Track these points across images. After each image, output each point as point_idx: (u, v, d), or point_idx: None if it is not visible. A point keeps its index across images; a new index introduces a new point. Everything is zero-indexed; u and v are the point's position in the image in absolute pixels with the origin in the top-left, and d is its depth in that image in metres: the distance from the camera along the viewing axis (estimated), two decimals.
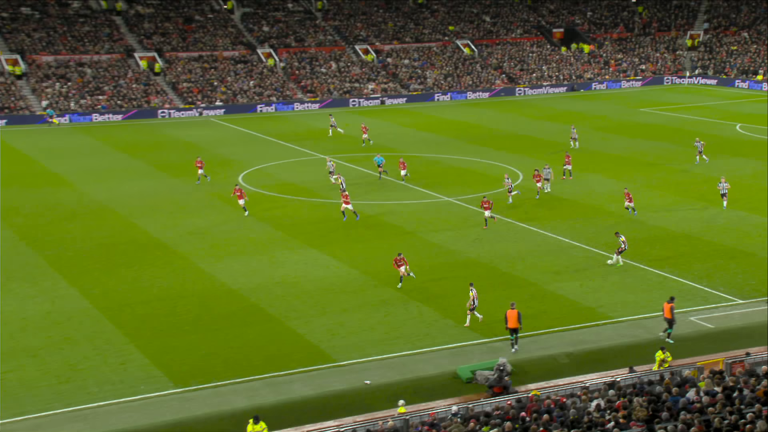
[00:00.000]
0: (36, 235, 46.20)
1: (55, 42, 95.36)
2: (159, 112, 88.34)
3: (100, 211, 51.17)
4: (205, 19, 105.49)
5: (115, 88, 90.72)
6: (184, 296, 37.72)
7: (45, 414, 27.52)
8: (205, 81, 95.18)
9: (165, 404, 28.39)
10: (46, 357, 31.51)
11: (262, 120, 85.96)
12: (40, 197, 54.16)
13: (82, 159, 66.56)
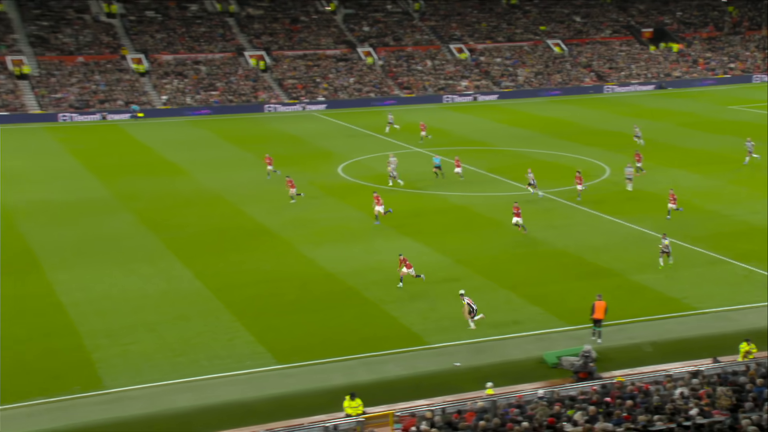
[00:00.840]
0: (155, 220, 47.53)
1: (175, 42, 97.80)
2: (265, 106, 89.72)
3: (212, 198, 52.31)
4: (310, 20, 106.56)
5: (227, 84, 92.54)
6: (286, 279, 38.29)
7: (162, 383, 28.36)
8: (309, 78, 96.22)
9: (268, 379, 28.92)
10: (163, 332, 32.44)
11: (361, 114, 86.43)
12: (158, 185, 55.69)
13: (196, 150, 68.12)
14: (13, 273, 38.59)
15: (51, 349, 30.81)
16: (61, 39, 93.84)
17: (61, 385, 28.01)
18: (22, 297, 35.71)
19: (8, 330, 32.37)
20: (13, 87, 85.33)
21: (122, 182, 56.40)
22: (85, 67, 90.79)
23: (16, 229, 45.29)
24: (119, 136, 75.53)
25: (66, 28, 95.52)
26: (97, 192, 53.75)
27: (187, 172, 59.77)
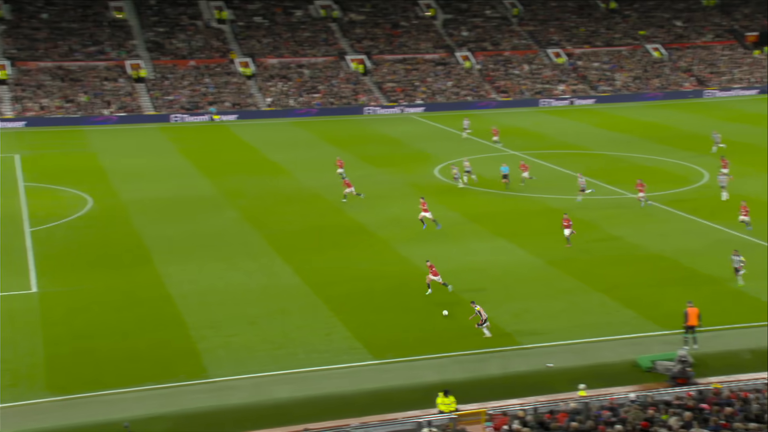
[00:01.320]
0: (257, 217, 48.42)
1: (280, 46, 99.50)
2: (365, 109, 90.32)
3: (311, 197, 52.96)
4: (410, 24, 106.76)
5: (329, 87, 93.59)
6: (382, 277, 38.42)
7: (262, 374, 28.86)
8: (408, 81, 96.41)
9: (364, 373, 29.08)
10: (264, 325, 33.01)
11: (458, 117, 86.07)
12: (261, 183, 56.72)
13: (298, 150, 69.09)
14: (126, 266, 39.93)
15: (160, 338, 31.74)
16: (175, 44, 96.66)
17: (168, 372, 28.82)
18: (134, 289, 36.90)
19: (121, 319, 33.51)
20: (131, 90, 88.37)
21: (228, 180, 57.66)
22: (196, 70, 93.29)
23: (130, 224, 46.85)
24: (226, 136, 77.30)
25: (180, 33, 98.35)
26: (205, 189, 55.11)
27: (289, 171, 60.67)
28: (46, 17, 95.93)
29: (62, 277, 38.11)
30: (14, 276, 38.03)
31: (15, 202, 50.99)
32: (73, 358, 29.88)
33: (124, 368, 29.11)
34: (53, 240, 43.60)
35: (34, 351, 30.28)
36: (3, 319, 33.11)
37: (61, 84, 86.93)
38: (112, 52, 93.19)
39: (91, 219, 47.91)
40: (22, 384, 27.91)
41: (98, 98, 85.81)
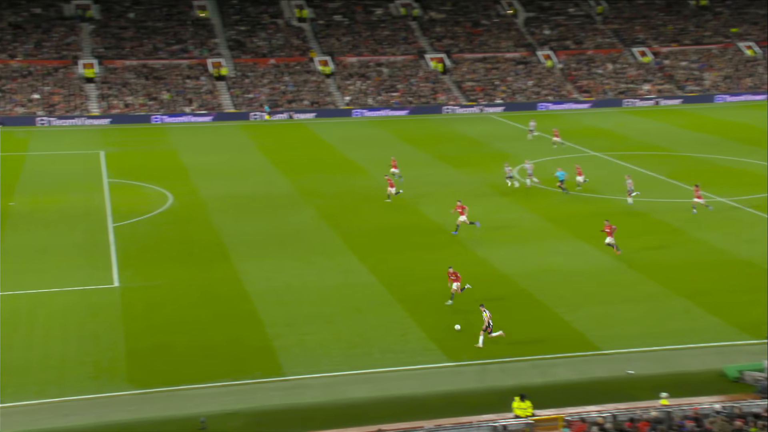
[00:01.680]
0: (334, 216, 48.72)
1: (360, 45, 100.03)
2: (444, 108, 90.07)
3: (396, 196, 53.00)
4: (491, 23, 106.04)
5: (407, 86, 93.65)
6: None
7: (337, 374, 29.00)
8: (488, 80, 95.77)
9: (439, 375, 28.96)
10: (339, 324, 33.17)
11: (538, 117, 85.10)
12: (338, 182, 57.07)
13: (375, 149, 69.28)
14: (204, 262, 40.67)
15: (236, 335, 32.20)
16: (256, 42, 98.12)
17: (244, 369, 29.21)
18: (211, 285, 37.54)
19: (198, 316, 34.14)
20: (212, 88, 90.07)
21: (305, 178, 58.19)
22: (275, 68, 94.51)
23: (209, 221, 47.72)
24: (304, 134, 78.09)
25: (261, 32, 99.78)
26: (283, 187, 55.75)
27: (366, 170, 60.89)
28: (133, 17, 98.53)
29: (143, 272, 39.03)
30: (98, 270, 39.13)
31: (99, 198, 52.49)
32: (152, 353, 30.57)
33: (200, 364, 29.63)
34: (135, 235, 44.72)
35: (115, 345, 31.09)
36: (86, 313, 34.10)
37: (145, 82, 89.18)
38: (195, 50, 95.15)
39: (171, 215, 48.99)
40: (103, 376, 28.69)
41: (180, 96, 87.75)
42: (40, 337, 31.66)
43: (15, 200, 51.35)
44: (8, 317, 33.41)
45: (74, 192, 53.95)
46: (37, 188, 54.76)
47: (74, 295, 35.95)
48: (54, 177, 58.25)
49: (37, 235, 44.58)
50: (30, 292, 36.37)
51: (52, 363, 29.49)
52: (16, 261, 40.31)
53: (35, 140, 73.25)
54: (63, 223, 46.98)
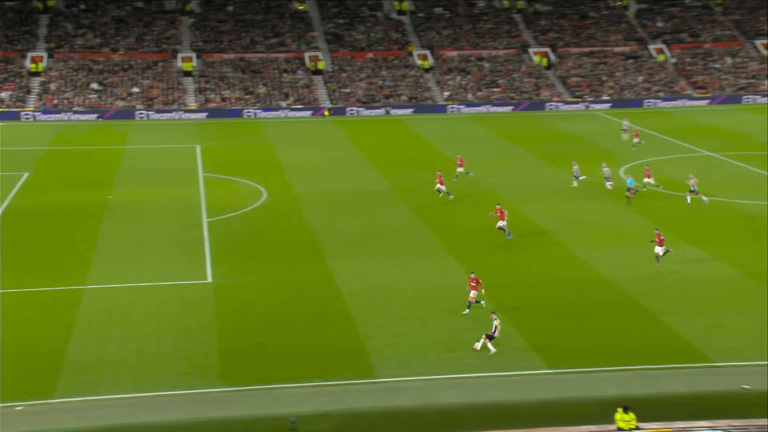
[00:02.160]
0: (430, 214, 48.71)
1: (460, 38, 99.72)
2: (547, 104, 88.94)
3: (486, 196, 52.65)
4: (600, 15, 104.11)
5: (509, 82, 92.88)
6: (559, 282, 37.68)
7: (430, 377, 28.98)
8: (594, 75, 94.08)
9: (536, 383, 28.61)
10: (433, 326, 33.14)
11: (648, 115, 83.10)
12: (435, 179, 56.93)
13: (474, 146, 68.92)
14: (297, 259, 41.27)
15: (328, 334, 32.54)
16: (354, 36, 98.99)
17: (336, 370, 29.50)
18: (304, 283, 38.06)
19: (291, 314, 34.66)
20: (309, 82, 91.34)
21: (401, 175, 58.36)
22: (373, 62, 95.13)
23: (303, 218, 48.40)
24: (401, 130, 78.35)
25: (359, 25, 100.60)
26: (378, 184, 56.05)
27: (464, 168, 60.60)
28: (232, 10, 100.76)
29: (236, 268, 39.87)
30: (192, 265, 40.19)
31: (195, 192, 53.91)
32: (244, 350, 31.19)
33: (292, 363, 30.07)
34: (229, 231, 45.73)
35: (208, 341, 31.86)
36: (180, 308, 35.07)
37: (242, 76, 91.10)
38: (292, 44, 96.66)
39: (265, 211, 49.89)
40: (196, 372, 29.43)
41: (276, 90, 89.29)
42: (135, 331, 32.72)
43: (113, 194, 53.23)
44: (104, 311, 34.65)
45: (170, 186, 55.55)
46: (134, 182, 56.61)
47: (168, 289, 37.01)
48: (151, 171, 60.12)
49: (133, 229, 46.10)
50: (126, 285, 37.64)
51: (146, 358, 30.43)
52: (113, 255, 41.77)
53: (134, 134, 75.76)
54: (159, 217, 48.44)
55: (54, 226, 46.60)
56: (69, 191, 54.12)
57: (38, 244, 43.43)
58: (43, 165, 62.32)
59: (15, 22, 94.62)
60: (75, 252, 42.11)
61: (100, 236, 44.66)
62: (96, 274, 38.98)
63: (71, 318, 33.76)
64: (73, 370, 29.36)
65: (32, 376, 28.85)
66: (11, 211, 49.41)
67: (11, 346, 31.17)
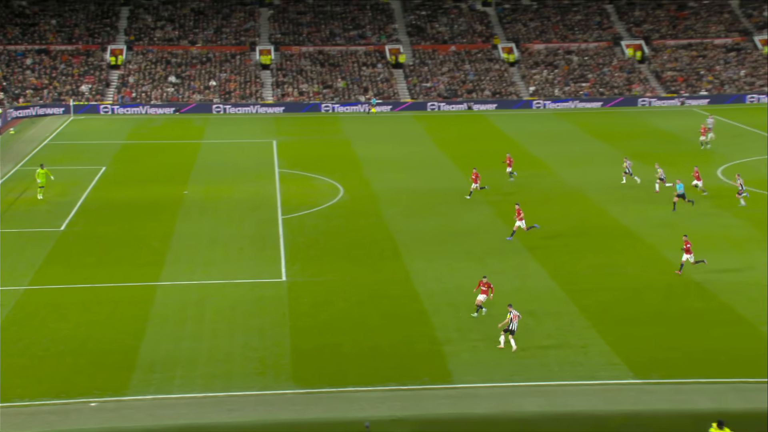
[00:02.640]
0: (512, 214, 48.21)
1: (548, 31, 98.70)
2: (639, 100, 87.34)
3: (572, 195, 52.07)
4: (699, 5, 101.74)
5: (599, 76, 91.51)
6: (648, 286, 37.02)
7: (510, 384, 28.80)
8: (692, 69, 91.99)
9: (623, 393, 28.16)
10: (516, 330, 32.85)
11: (751, 111, 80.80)
12: (518, 178, 56.50)
13: (560, 144, 68.18)
14: (374, 259, 41.46)
15: (404, 337, 32.60)
16: (437, 28, 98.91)
17: (412, 374, 29.53)
18: (380, 283, 38.21)
19: (366, 315, 34.83)
20: (389, 76, 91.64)
21: (482, 173, 58.06)
22: (456, 56, 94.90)
23: (380, 216, 48.59)
24: (483, 126, 77.98)
25: (442, 17, 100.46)
26: (459, 183, 55.86)
27: (548, 166, 60.04)
28: (311, 1, 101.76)
29: (311, 267, 40.25)
30: (266, 263, 40.74)
31: (270, 189, 54.64)
32: (317, 352, 31.48)
33: (367, 366, 30.22)
34: (304, 228, 46.21)
35: (281, 341, 32.25)
36: (254, 306, 35.60)
37: (320, 69, 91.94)
38: (373, 36, 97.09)
39: (342, 209, 50.24)
40: (268, 373, 29.83)
41: (355, 84, 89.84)
42: (207, 329, 33.33)
43: (188, 189, 54.32)
44: (178, 308, 35.40)
45: (245, 182, 56.43)
46: (209, 177, 57.67)
47: (242, 287, 37.59)
48: (226, 166, 61.16)
49: (207, 225, 46.97)
50: (199, 283, 38.38)
51: (218, 357, 30.97)
52: (187, 251, 42.65)
53: (210, 128, 77.20)
54: (233, 213, 49.24)
55: (129, 221, 47.82)
56: (145, 186, 55.47)
57: (113, 239, 44.63)
58: (119, 159, 64.02)
59: (97, 14, 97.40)
60: (149, 248, 43.14)
61: (175, 232, 45.63)
62: (170, 270, 39.86)
63: (145, 315, 34.59)
64: (146, 367, 30.07)
65: (106, 373, 29.66)
66: (87, 205, 50.87)
67: (86, 343, 32.12)
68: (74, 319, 34.31)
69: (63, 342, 32.14)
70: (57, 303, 36.02)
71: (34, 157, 64.13)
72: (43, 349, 31.56)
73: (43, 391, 28.39)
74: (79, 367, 30.13)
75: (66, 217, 48.12)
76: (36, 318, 34.43)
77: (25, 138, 71.45)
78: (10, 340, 32.24)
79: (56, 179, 53.67)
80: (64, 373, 29.67)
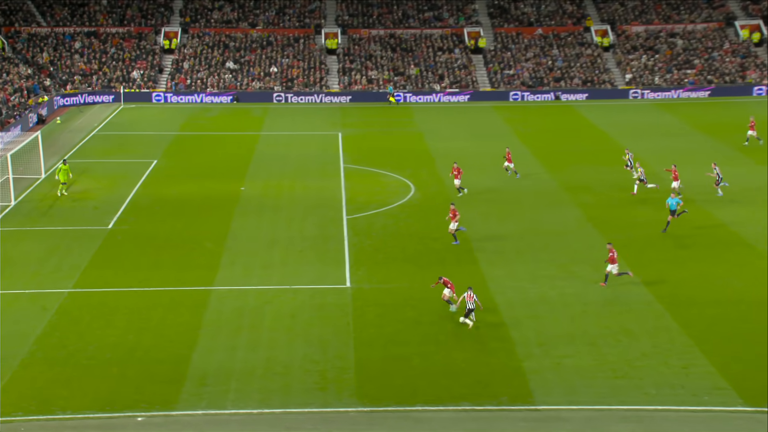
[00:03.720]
0: (603, 218, 47.83)
1: (648, 11, 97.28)
2: (755, 89, 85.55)
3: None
4: None
5: (707, 62, 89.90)
6: (761, 302, 36.22)
7: (598, 408, 28.54)
8: None
9: (731, 421, 27.82)
10: (604, 347, 32.57)
11: None
12: (611, 176, 55.88)
13: (660, 139, 67.22)
14: (447, 264, 41.44)
15: (480, 352, 32.52)
16: (521, 9, 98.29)
17: (488, 392, 29.47)
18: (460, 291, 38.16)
19: (438, 326, 34.80)
20: (467, 62, 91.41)
21: (570, 171, 57.58)
22: (543, 39, 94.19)
23: None
24: (572, 118, 77.31)
25: None
26: (543, 182, 55.51)
27: (646, 163, 59.13)
28: None
29: (378, 272, 40.41)
30: (328, 267, 41.01)
31: (335, 186, 54.99)
32: (384, 366, 31.58)
33: (438, 383, 30.21)
34: (371, 230, 46.38)
35: (344, 353, 32.44)
36: (315, 315, 35.90)
37: (391, 54, 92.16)
38: (450, 18, 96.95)
39: (412, 208, 50.30)
40: (330, 388, 30.03)
41: (430, 71, 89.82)
42: (265, 339, 33.71)
43: (246, 185, 54.99)
44: (233, 315, 35.88)
45: (308, 178, 56.88)
46: (269, 172, 58.32)
47: (302, 294, 37.92)
48: (287, 160, 61.75)
49: (266, 225, 47.49)
50: (256, 288, 38.85)
51: (276, 369, 31.30)
52: (244, 253, 43.18)
53: (270, 118, 78.05)
54: (294, 212, 49.69)
55: (181, 219, 48.62)
56: (199, 181, 56.33)
57: (164, 239, 45.43)
58: (172, 151, 65.13)
59: None
60: (203, 249, 43.80)
61: (231, 232, 46.25)
62: (225, 274, 40.42)
63: (197, 322, 35.14)
64: (198, 379, 30.55)
65: (155, 385, 30.21)
66: (137, 202, 51.86)
67: (134, 352, 32.76)
68: (122, 325, 35.03)
69: (109, 350, 32.85)
70: (103, 308, 36.81)
71: (81, 148, 65.63)
72: (87, 358, 32.30)
73: (87, 403, 29.05)
74: (126, 378, 30.75)
75: (114, 215, 49.15)
76: (81, 324, 35.25)
77: (72, 128, 73.19)
78: (52, 348, 33.07)
79: (106, 173, 54.89)
80: (109, 384, 30.32)
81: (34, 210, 50.31)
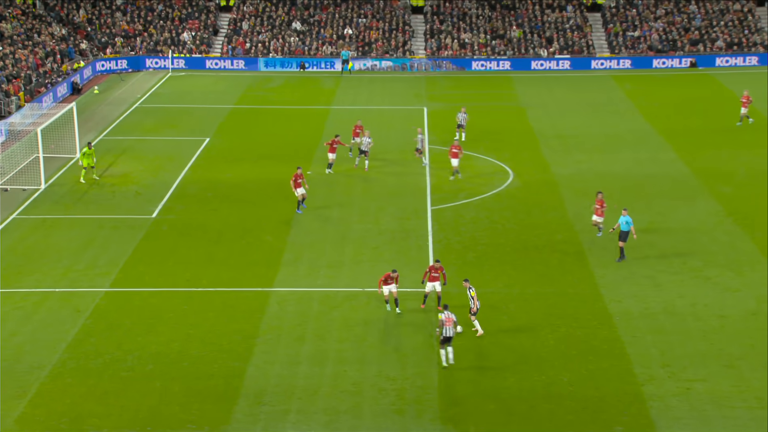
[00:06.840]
0: (747, 212, 47.20)
1: None
2: None
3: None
4: None
5: None
6: None
7: None
8: None
9: None
10: (746, 370, 32.22)
11: None
12: (758, 163, 55.15)
13: None
14: (552, 266, 41.43)
15: (591, 371, 32.41)
16: None
17: (601, 420, 29.48)
18: (559, 298, 38.13)
19: (537, 340, 34.83)
20: (581, 22, 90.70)
21: (707, 156, 56.94)
22: None
23: (562, 209, 48.37)
24: (712, 89, 76.46)
25: None
26: (673, 167, 55.07)
27: None
28: None
29: (467, 273, 40.17)
30: (409, 267, 41.08)
31: (417, 171, 55.18)
32: (473, 386, 31.66)
33: (538, 407, 30.23)
34: (459, 223, 46.48)
35: (426, 371, 32.58)
36: (393, 323, 36.11)
37: (489, 14, 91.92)
38: None
39: (510, 198, 50.29)
40: (408, 411, 30.23)
41: (535, 33, 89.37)
42: (332, 351, 34.03)
43: (313, 169, 55.40)
44: (295, 322, 36.30)
45: (385, 161, 57.15)
46: (340, 154, 58.66)
47: (377, 298, 38.07)
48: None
49: (336, 217, 47.89)
50: (323, 290, 39.24)
51: (345, 387, 31.60)
52: (309, 249, 43.63)
53: (343, 90, 78.52)
54: (369, 201, 49.98)
55: (237, 208, 49.28)
56: (258, 163, 57.02)
57: (216, 230, 46.09)
58: (227, 128, 66.00)
59: None
60: (262, 243, 44.37)
61: (294, 224, 46.72)
62: (286, 273, 40.92)
63: (254, 329, 35.63)
64: (254, 397, 31.00)
65: (204, 403, 30.69)
66: (185, 187, 52.68)
67: (180, 363, 33.31)
68: (166, 332, 35.68)
69: (152, 360, 33.48)
70: (145, 311, 37.54)
71: (121, 124, 66.86)
72: (127, 369, 32.94)
73: (126, 421, 29.67)
74: (170, 394, 31.33)
75: (159, 202, 50.06)
76: (119, 329, 35.96)
77: (112, 99, 74.62)
78: (87, 356, 33.81)
79: (149, 153, 55.98)
80: (151, 400, 30.92)
81: (66, 195, 51.46)
